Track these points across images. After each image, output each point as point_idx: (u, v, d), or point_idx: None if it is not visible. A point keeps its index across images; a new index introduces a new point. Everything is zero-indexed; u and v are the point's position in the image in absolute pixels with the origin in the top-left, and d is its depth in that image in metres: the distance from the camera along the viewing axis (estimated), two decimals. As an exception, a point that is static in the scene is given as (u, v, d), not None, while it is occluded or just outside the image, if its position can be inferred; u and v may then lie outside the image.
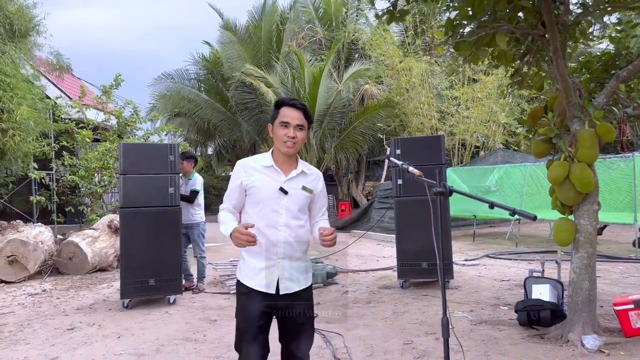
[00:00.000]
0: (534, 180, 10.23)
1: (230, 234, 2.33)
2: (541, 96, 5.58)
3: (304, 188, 2.51)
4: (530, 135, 4.99)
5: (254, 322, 2.43)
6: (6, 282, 7.43)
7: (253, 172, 2.50)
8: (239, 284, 2.53)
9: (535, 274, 5.21)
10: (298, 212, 2.50)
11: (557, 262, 5.52)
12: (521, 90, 5.00)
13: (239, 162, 2.58)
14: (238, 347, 2.50)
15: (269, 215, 2.44)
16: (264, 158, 2.54)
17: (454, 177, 12.06)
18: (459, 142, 15.41)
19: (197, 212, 6.87)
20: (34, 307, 6.05)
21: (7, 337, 4.82)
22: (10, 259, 7.46)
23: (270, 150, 2.59)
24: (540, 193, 9.75)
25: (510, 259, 8.50)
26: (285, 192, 2.45)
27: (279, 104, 2.52)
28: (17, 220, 8.41)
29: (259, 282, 2.45)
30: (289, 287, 2.47)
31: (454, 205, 9.79)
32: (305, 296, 2.54)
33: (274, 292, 2.44)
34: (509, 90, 6.21)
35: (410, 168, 2.36)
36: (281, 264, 2.45)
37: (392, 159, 2.74)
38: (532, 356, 3.90)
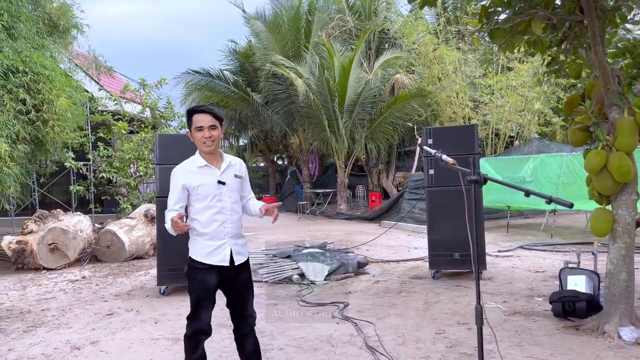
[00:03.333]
0: (570, 170, 9.99)
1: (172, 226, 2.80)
2: (578, 84, 5.44)
3: (235, 176, 3.06)
4: (567, 124, 4.88)
5: (212, 290, 2.97)
6: (48, 269, 7.71)
7: (191, 175, 2.96)
8: (194, 262, 2.98)
9: (570, 265, 5.12)
10: (237, 195, 3.07)
11: (593, 253, 5.42)
12: (558, 79, 4.90)
13: (175, 168, 3.02)
14: (194, 314, 2.96)
15: (215, 205, 2.95)
16: (196, 160, 3.01)
17: (488, 167, 11.87)
18: (492, 132, 15.14)
19: None
20: (74, 293, 6.27)
21: (51, 321, 5.02)
22: (51, 246, 7.74)
23: (197, 153, 3.04)
24: (577, 183, 9.54)
25: (545, 251, 8.36)
26: (223, 183, 2.97)
27: (190, 113, 2.98)
28: (57, 210, 8.69)
29: (215, 258, 2.95)
30: (239, 259, 3.03)
31: (487, 195, 9.66)
32: (247, 265, 3.13)
33: (228, 264, 2.96)
34: (546, 79, 6.10)
35: (444, 156, 2.36)
36: (231, 241, 2.99)
37: (425, 147, 2.74)
38: (567, 347, 3.86)
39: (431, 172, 6.42)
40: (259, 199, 3.39)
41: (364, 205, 18.31)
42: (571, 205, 1.87)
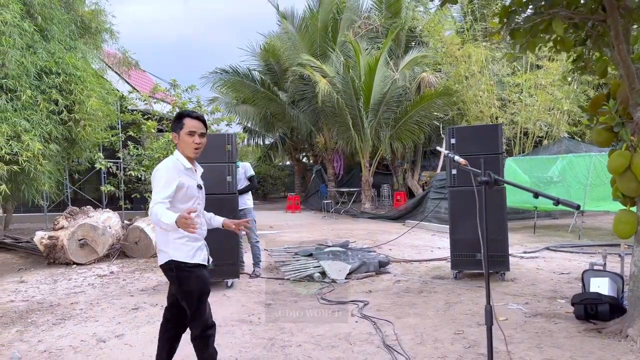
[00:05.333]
0: (599, 170, 9.79)
1: (176, 221, 2.65)
2: (609, 82, 5.34)
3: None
4: (591, 124, 4.81)
5: (209, 285, 3.09)
6: (77, 264, 7.95)
7: (181, 174, 2.99)
8: (182, 264, 2.96)
9: (596, 267, 5.05)
10: (204, 201, 3.23)
11: (620, 255, 5.32)
12: (585, 76, 4.83)
13: (167, 164, 2.97)
14: (197, 313, 3.00)
15: (197, 207, 3.05)
16: (182, 161, 3.03)
17: (515, 167, 11.71)
18: (520, 131, 14.92)
19: (248, 198, 7.09)
20: (102, 288, 6.46)
21: (79, 315, 5.19)
22: (81, 242, 7.98)
23: (177, 154, 3.06)
24: (606, 184, 9.29)
25: (572, 252, 8.22)
26: (201, 187, 3.13)
27: (182, 116, 3.04)
28: (87, 206, 8.95)
29: (201, 257, 3.05)
30: (210, 258, 3.17)
31: (513, 196, 9.54)
32: None
33: (208, 263, 3.11)
34: (573, 76, 6.01)
35: (457, 157, 2.37)
36: (204, 242, 3.13)
37: (438, 148, 2.76)
38: (588, 350, 3.81)
39: (454, 172, 6.37)
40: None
41: (388, 204, 18.26)
42: (577, 207, 1.87)
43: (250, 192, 7.17)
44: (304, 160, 25.94)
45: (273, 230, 12.18)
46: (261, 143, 25.38)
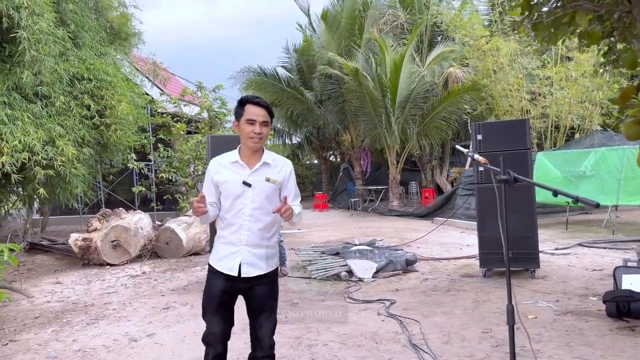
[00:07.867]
0: (632, 163, 9.52)
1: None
2: (639, 74, 5.22)
3: (267, 179, 2.67)
4: (622, 117, 4.69)
5: (215, 298, 2.71)
6: (111, 265, 8.16)
7: (221, 169, 2.72)
8: (210, 266, 2.79)
9: (630, 264, 4.93)
10: (264, 202, 2.69)
11: (654, 251, 5.19)
12: (618, 68, 4.72)
13: (212, 160, 2.79)
14: (204, 315, 2.78)
15: (236, 206, 2.67)
16: (232, 155, 2.74)
17: (546, 161, 11.48)
18: (551, 124, 14.61)
19: None
20: (134, 288, 6.63)
21: (112, 314, 5.34)
22: (114, 243, 8.19)
23: (238, 147, 2.77)
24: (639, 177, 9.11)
25: (606, 248, 8.03)
26: (249, 185, 2.65)
27: (244, 102, 2.68)
28: (120, 208, 9.18)
29: (224, 265, 2.69)
30: (249, 271, 2.68)
31: (545, 191, 9.35)
32: (265, 281, 2.75)
33: (236, 274, 2.66)
34: (605, 69, 5.85)
35: (476, 156, 2.36)
36: (244, 250, 2.67)
37: (457, 146, 2.75)
38: (620, 349, 3.73)
39: (480, 168, 6.29)
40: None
41: (417, 201, 18.12)
42: (597, 206, 1.84)
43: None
44: (331, 158, 25.95)
45: (300, 230, 12.24)
46: (288, 142, 25.52)
